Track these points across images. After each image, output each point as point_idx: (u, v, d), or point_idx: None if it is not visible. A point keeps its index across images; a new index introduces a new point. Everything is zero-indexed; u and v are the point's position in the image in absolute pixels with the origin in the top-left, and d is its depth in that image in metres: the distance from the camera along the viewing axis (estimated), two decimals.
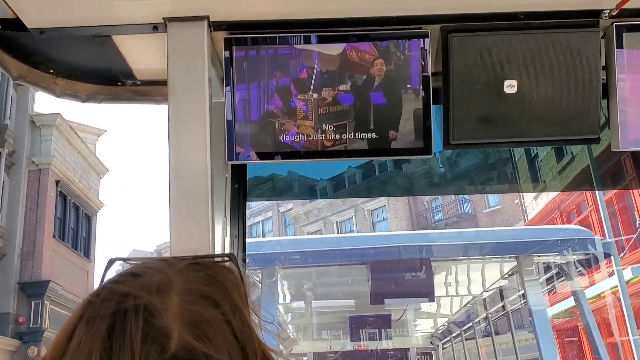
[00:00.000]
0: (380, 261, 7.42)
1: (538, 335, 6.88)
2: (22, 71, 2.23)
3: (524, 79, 1.98)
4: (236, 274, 0.96)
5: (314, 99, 2.01)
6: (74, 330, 0.85)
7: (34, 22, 1.98)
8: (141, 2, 1.92)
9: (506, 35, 2.00)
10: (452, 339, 12.32)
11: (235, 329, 0.87)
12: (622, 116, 2.01)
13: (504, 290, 9.11)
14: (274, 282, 6.98)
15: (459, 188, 17.86)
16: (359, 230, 34.67)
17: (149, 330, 0.82)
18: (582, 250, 7.63)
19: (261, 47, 2.02)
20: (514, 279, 8.14)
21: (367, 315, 9.44)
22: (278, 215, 39.73)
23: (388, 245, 7.78)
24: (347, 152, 2.02)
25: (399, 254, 7.40)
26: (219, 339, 0.84)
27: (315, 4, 1.98)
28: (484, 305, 10.00)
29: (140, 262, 0.95)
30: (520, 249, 7.55)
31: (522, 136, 2.03)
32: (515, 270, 7.72)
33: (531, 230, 14.06)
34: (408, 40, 2.01)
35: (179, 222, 1.82)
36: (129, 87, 2.37)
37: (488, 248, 7.82)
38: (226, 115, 2.02)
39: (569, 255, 7.49)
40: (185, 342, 0.82)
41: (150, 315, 0.83)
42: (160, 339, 0.81)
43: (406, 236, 12.33)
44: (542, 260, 7.63)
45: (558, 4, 2.00)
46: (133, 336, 0.81)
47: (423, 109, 2.01)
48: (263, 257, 7.05)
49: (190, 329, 0.83)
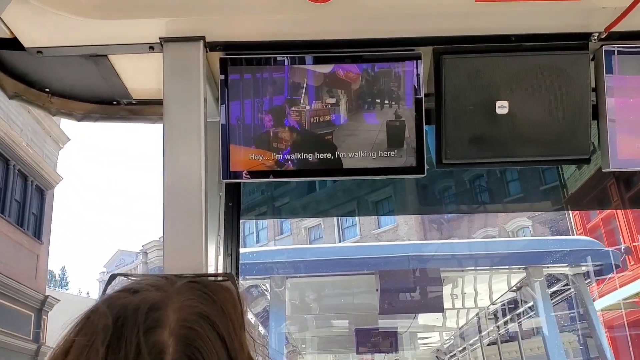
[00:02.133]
0: (389, 271, 7.36)
1: (547, 346, 6.86)
2: (18, 90, 2.24)
3: (515, 100, 2.01)
4: (234, 293, 0.97)
5: (307, 118, 2.03)
6: (72, 345, 0.86)
7: (31, 41, 2.00)
8: (137, 22, 1.94)
9: (498, 57, 2.03)
10: (458, 353, 12.18)
11: (230, 349, 0.88)
12: (611, 137, 2.04)
13: (510, 302, 9.04)
14: (283, 291, 6.92)
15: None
16: (362, 223, 32.69)
17: (145, 344, 0.83)
18: (596, 261, 7.60)
19: (256, 67, 2.05)
20: (523, 291, 8.07)
21: (372, 329, 9.33)
22: (273, 211, 38.19)
23: (397, 255, 7.75)
24: (340, 171, 2.04)
25: (408, 264, 7.37)
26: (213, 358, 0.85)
27: (310, 25, 2.01)
28: (494, 318, 9.92)
29: (140, 278, 0.96)
30: (531, 259, 7.49)
31: (513, 156, 2.06)
32: (525, 282, 7.68)
33: (540, 241, 13.97)
34: (401, 62, 2.04)
35: (172, 240, 1.83)
36: (124, 107, 2.39)
37: (498, 258, 7.78)
38: (221, 134, 2.03)
39: (578, 266, 7.44)
40: (180, 359, 0.83)
41: (147, 330, 0.84)
42: (155, 354, 0.82)
43: (415, 246, 12.27)
44: (550, 271, 7.57)
45: (548, 27, 2.03)
46: (129, 350, 0.82)
47: (416, 129, 2.03)
48: (268, 266, 6.99)
49: (185, 346, 0.84)
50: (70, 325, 0.88)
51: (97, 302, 0.90)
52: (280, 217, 30.51)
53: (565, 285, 7.80)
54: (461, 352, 11.94)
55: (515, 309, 9.01)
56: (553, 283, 7.88)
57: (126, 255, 51.63)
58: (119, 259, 52.02)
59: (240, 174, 2.04)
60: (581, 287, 7.49)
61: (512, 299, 8.85)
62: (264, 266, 7.06)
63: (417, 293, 7.37)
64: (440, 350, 12.87)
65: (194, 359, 0.83)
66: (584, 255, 7.56)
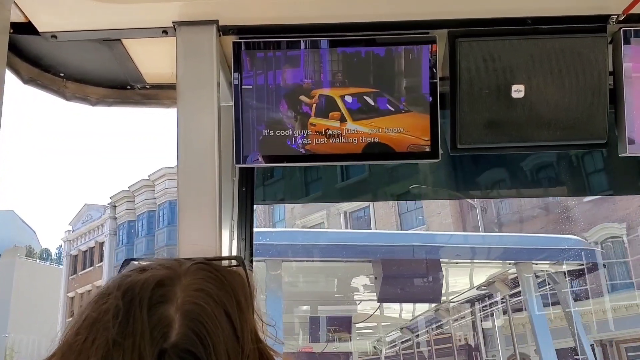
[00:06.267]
0: (388, 259, 7.37)
1: (539, 342, 6.89)
2: (33, 74, 2.25)
3: (531, 84, 1.99)
4: (243, 277, 0.98)
5: (322, 103, 2.02)
6: (84, 320, 0.89)
7: (46, 26, 2.00)
8: (151, 6, 1.94)
9: (513, 40, 2.01)
10: (400, 344, 12.17)
11: (237, 328, 0.89)
12: (629, 121, 2.02)
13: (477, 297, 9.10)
14: (279, 275, 6.94)
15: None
16: (378, 218, 29.78)
17: (152, 317, 0.85)
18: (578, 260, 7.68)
19: (270, 51, 2.04)
20: (494, 286, 8.15)
21: (327, 317, 9.36)
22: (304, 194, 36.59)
23: (399, 244, 7.76)
24: (355, 156, 2.03)
25: (412, 254, 7.38)
26: (219, 335, 0.87)
27: (324, 9, 1.99)
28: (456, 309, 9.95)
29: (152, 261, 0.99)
30: (524, 255, 7.56)
31: (529, 141, 2.04)
32: (500, 277, 7.75)
33: (532, 238, 13.95)
34: (417, 45, 2.02)
35: (186, 225, 1.84)
36: (138, 91, 2.39)
37: (496, 253, 7.81)
38: (234, 118, 2.03)
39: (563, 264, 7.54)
40: (185, 333, 0.85)
41: (154, 304, 0.87)
42: (162, 327, 0.85)
43: (416, 236, 12.22)
44: (539, 268, 7.65)
45: (565, 9, 2.00)
46: (136, 324, 0.84)
47: (430, 114, 2.02)
48: (263, 247, 6.99)
49: (191, 321, 0.86)
50: (84, 303, 0.92)
51: (108, 281, 0.94)
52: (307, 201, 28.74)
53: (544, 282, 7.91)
54: (403, 342, 11.91)
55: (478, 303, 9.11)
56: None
57: (94, 209, 47.58)
58: (86, 215, 48.07)
59: (253, 159, 2.04)
60: (562, 285, 7.60)
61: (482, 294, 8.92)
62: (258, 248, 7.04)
63: (416, 283, 7.39)
64: (380, 341, 12.82)
65: (200, 334, 0.85)
66: (573, 254, 7.64)
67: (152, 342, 0.83)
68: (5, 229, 52.79)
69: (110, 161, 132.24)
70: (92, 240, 46.64)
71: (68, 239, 49.86)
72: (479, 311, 9.53)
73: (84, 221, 48.47)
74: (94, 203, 48.69)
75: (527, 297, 7.36)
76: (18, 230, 56.52)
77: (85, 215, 48.50)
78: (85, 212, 48.65)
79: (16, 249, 48.90)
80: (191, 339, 0.85)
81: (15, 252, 48.21)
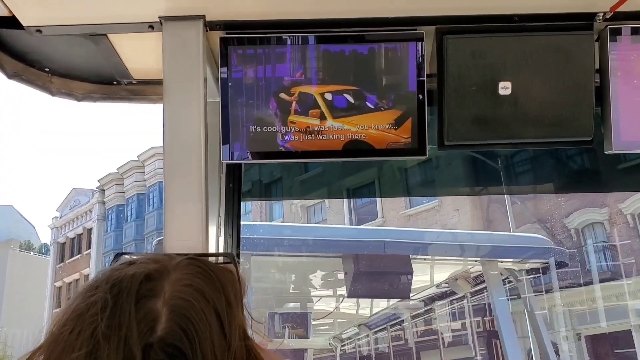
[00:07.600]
0: (360, 255, 7.36)
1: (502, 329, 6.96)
2: (18, 69, 2.23)
3: (518, 81, 2.00)
4: (233, 273, 0.98)
5: (310, 99, 2.02)
6: (72, 312, 0.89)
7: (30, 20, 1.98)
8: (137, 1, 1.93)
9: (501, 37, 2.01)
10: (356, 341, 12.15)
11: (224, 324, 0.89)
12: (615, 118, 2.03)
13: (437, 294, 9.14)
14: (248, 269, 6.91)
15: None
16: (384, 201, 27.24)
17: (139, 311, 0.85)
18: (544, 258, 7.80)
19: (257, 47, 2.03)
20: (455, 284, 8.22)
21: (285, 313, 9.36)
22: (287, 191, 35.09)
23: (370, 240, 7.76)
24: (342, 153, 2.03)
25: (383, 249, 7.39)
26: (205, 331, 0.87)
27: (312, 4, 1.99)
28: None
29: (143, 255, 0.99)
30: (503, 253, 7.64)
31: (516, 137, 2.05)
32: (462, 274, 7.81)
33: (498, 235, 14.05)
34: (404, 42, 2.02)
35: (173, 221, 1.83)
36: (125, 86, 2.38)
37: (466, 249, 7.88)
38: (221, 115, 2.02)
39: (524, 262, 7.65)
40: (171, 328, 0.85)
41: (141, 298, 0.87)
42: (148, 321, 0.84)
43: (388, 232, 12.22)
44: (504, 265, 7.76)
45: (552, 7, 2.01)
46: (123, 317, 0.84)
47: (418, 110, 2.02)
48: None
49: (178, 316, 0.86)
50: (73, 294, 0.92)
51: (97, 273, 0.93)
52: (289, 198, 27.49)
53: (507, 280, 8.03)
54: (359, 339, 11.89)
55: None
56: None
57: (81, 194, 46.44)
58: (74, 200, 46.96)
59: (241, 155, 2.04)
60: (524, 282, 7.73)
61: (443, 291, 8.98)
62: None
63: (386, 279, 7.39)
64: (336, 338, 12.76)
65: (186, 330, 0.85)
66: (535, 252, 7.75)
67: (139, 335, 0.83)
68: (4, 223, 52.17)
69: (99, 144, 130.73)
70: (80, 227, 45.41)
71: (55, 226, 48.50)
72: (439, 308, 9.60)
73: (71, 207, 47.29)
74: (82, 187, 47.50)
75: (493, 294, 7.45)
76: (17, 225, 55.91)
77: (73, 201, 47.34)
78: (73, 197, 47.50)
79: (9, 242, 48.18)
80: (177, 334, 0.84)
81: (8, 245, 47.54)
